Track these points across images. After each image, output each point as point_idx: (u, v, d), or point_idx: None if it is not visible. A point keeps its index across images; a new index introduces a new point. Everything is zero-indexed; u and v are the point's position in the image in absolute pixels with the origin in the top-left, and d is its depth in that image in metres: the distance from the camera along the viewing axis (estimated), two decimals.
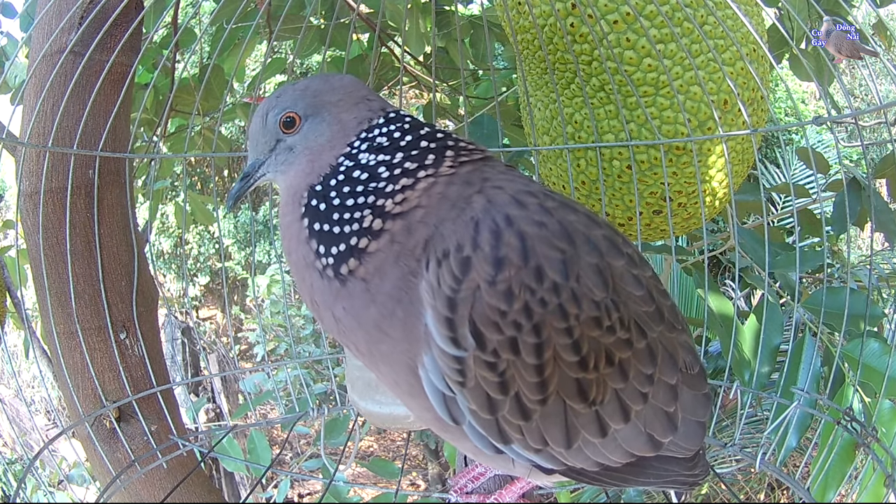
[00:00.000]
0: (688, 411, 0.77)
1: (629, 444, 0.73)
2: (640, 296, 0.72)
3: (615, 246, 0.72)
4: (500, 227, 0.65)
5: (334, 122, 0.75)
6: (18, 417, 4.47)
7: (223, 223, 7.77)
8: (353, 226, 0.69)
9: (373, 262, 0.68)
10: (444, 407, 0.69)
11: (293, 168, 0.76)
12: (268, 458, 1.39)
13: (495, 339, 0.64)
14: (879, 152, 4.92)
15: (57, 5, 1.36)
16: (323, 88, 0.77)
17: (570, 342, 0.66)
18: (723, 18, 1.18)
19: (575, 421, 0.69)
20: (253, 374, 4.65)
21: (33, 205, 1.36)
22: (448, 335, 0.65)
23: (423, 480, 5.96)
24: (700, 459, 0.81)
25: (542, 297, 0.65)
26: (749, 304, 4.16)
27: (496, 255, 0.64)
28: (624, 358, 0.70)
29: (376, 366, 0.73)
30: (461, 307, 0.64)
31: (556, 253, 0.66)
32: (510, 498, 0.89)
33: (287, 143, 0.76)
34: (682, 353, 0.77)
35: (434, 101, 1.65)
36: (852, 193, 1.51)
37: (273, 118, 0.77)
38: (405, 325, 0.67)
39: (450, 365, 0.66)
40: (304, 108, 0.76)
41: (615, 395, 0.70)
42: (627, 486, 0.79)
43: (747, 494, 4.04)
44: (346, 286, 0.69)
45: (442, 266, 0.65)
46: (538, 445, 0.70)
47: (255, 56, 5.50)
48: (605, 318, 0.67)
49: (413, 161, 0.71)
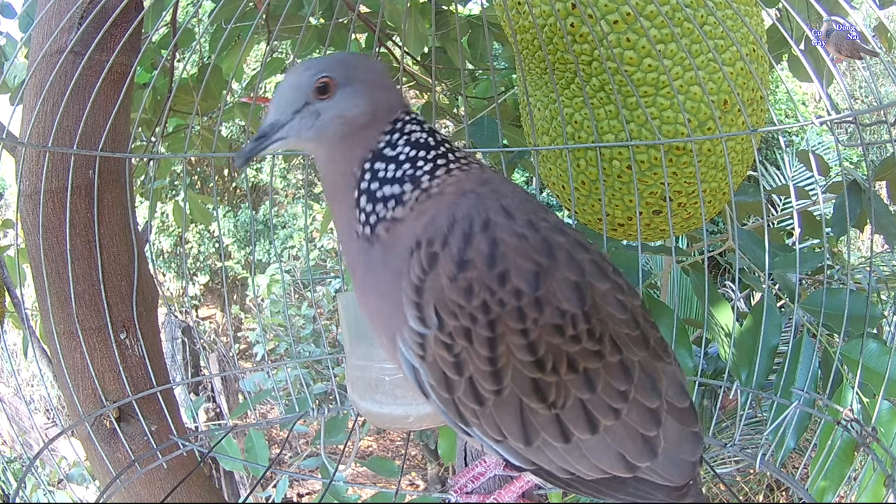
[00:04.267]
0: (672, 445, 0.76)
1: (597, 458, 0.74)
2: (622, 319, 0.74)
3: (602, 271, 0.74)
4: (473, 231, 0.70)
5: (369, 99, 0.77)
6: (18, 416, 4.47)
7: (223, 222, 7.77)
8: (390, 202, 0.75)
9: (396, 228, 0.74)
10: (415, 378, 0.75)
11: (325, 135, 0.76)
12: (266, 457, 1.39)
13: (452, 324, 0.70)
14: (879, 154, 4.93)
15: (57, 5, 1.36)
16: (360, 64, 0.80)
17: (525, 342, 0.69)
18: (723, 18, 1.18)
19: (532, 418, 0.72)
20: (253, 374, 4.66)
21: (33, 205, 1.36)
22: (416, 315, 0.71)
23: (423, 480, 5.96)
24: (691, 489, 0.79)
25: (501, 298, 0.69)
26: (749, 306, 4.16)
27: (461, 257, 0.69)
28: (591, 368, 0.71)
29: (380, 336, 0.78)
30: (426, 294, 0.70)
31: (531, 265, 0.70)
32: (510, 498, 0.89)
33: (315, 107, 0.75)
34: (667, 383, 0.77)
35: (434, 101, 1.65)
36: (852, 195, 1.51)
37: (308, 78, 0.75)
38: (398, 296, 0.73)
39: (414, 339, 0.72)
40: (341, 76, 0.76)
41: (580, 402, 0.72)
42: (602, 498, 0.79)
43: (747, 495, 4.04)
44: (372, 248, 0.76)
45: (413, 255, 0.71)
46: (497, 435, 0.73)
47: (255, 56, 5.50)
48: (570, 327, 0.70)
49: (443, 157, 0.77)
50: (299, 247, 7.60)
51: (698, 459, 0.79)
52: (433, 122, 1.49)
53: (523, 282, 0.69)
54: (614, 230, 1.37)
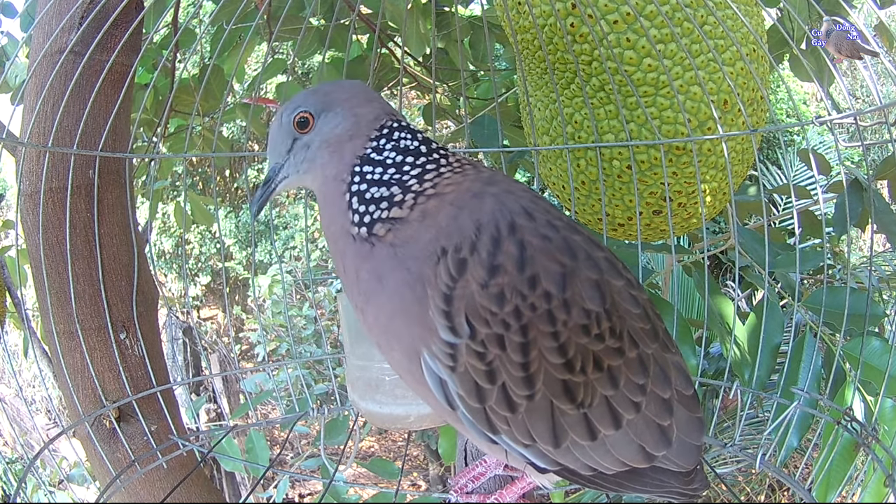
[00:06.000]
0: (683, 431, 0.78)
1: (620, 452, 0.75)
2: (637, 314, 0.75)
3: (615, 268, 0.75)
4: (502, 235, 0.70)
5: (349, 115, 0.79)
6: (19, 417, 4.47)
7: (224, 223, 7.77)
8: (382, 203, 0.75)
9: (404, 230, 0.73)
10: (441, 391, 0.73)
11: (316, 164, 0.80)
12: (266, 457, 1.39)
13: (484, 332, 0.68)
14: (881, 153, 4.92)
15: (57, 5, 1.36)
16: (333, 89, 0.82)
17: (556, 345, 0.69)
18: (723, 18, 1.18)
19: (562, 420, 0.72)
20: (254, 375, 4.66)
21: (33, 205, 1.36)
22: (446, 324, 0.69)
23: (424, 481, 5.95)
24: (698, 474, 0.82)
25: (533, 303, 0.68)
26: (750, 305, 4.16)
27: (492, 262, 0.69)
28: (614, 365, 0.72)
29: (390, 348, 0.76)
30: (456, 301, 0.69)
31: (557, 266, 0.70)
32: (510, 498, 0.89)
33: (303, 140, 0.80)
34: (675, 374, 0.78)
35: (434, 102, 1.65)
36: (854, 194, 1.50)
37: (287, 118, 0.80)
38: (421, 305, 0.71)
39: (443, 350, 0.70)
40: (316, 106, 0.80)
41: (605, 400, 0.73)
42: (623, 492, 0.80)
43: (748, 495, 4.03)
44: (374, 249, 0.74)
45: (440, 263, 0.70)
46: (526, 440, 0.73)
47: (256, 56, 5.50)
48: (595, 326, 0.70)
49: (432, 162, 0.77)
50: (301, 247, 7.61)
51: (702, 443, 0.81)
52: (434, 123, 1.49)
53: (552, 284, 0.69)
54: (614, 230, 1.37)
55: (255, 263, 3.37)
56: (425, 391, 0.75)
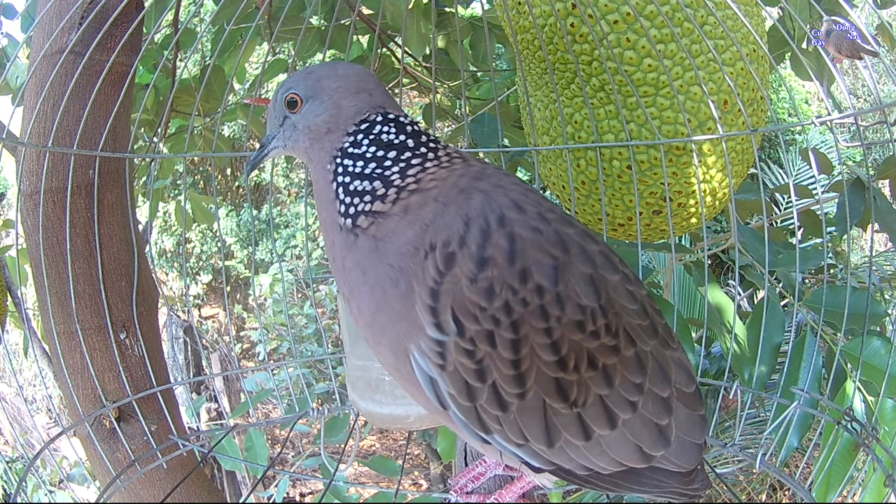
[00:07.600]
0: (683, 430, 0.77)
1: (616, 452, 0.74)
2: (634, 309, 0.74)
3: (611, 262, 0.74)
4: (491, 228, 0.68)
5: (332, 107, 0.80)
6: (19, 416, 4.48)
7: (225, 222, 7.78)
8: (366, 196, 0.75)
9: (386, 224, 0.73)
10: (432, 390, 0.72)
11: (300, 145, 0.83)
12: (265, 456, 1.39)
13: (473, 328, 0.67)
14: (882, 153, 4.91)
15: (57, 5, 1.36)
16: (326, 74, 0.83)
17: (548, 342, 0.68)
18: (723, 18, 1.18)
19: (555, 420, 0.71)
20: (255, 374, 4.66)
21: (33, 204, 1.36)
22: (432, 321, 0.68)
23: (426, 480, 5.95)
24: (698, 474, 0.81)
25: (524, 298, 0.67)
26: (752, 305, 4.15)
27: (481, 255, 0.67)
28: (609, 364, 0.71)
29: (378, 343, 0.75)
30: (443, 297, 0.67)
31: (549, 259, 0.68)
32: (510, 498, 0.89)
33: (292, 120, 0.83)
34: (676, 370, 0.77)
35: (434, 102, 1.65)
36: (855, 194, 1.50)
37: (280, 97, 0.83)
38: (405, 301, 0.70)
39: (432, 348, 0.69)
40: (305, 90, 0.82)
41: (599, 399, 0.71)
42: (621, 492, 0.79)
43: (749, 495, 4.03)
44: (357, 241, 0.75)
45: (428, 258, 0.69)
46: (519, 440, 0.71)
47: (257, 56, 5.50)
48: (590, 322, 0.69)
49: (418, 157, 0.77)
50: (301, 246, 7.61)
51: (704, 442, 0.80)
52: (434, 123, 1.49)
53: (544, 277, 0.67)
54: (614, 230, 1.37)
55: (256, 262, 3.37)
56: (416, 390, 0.74)
